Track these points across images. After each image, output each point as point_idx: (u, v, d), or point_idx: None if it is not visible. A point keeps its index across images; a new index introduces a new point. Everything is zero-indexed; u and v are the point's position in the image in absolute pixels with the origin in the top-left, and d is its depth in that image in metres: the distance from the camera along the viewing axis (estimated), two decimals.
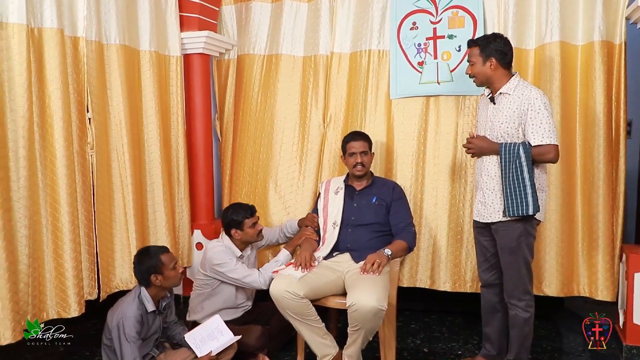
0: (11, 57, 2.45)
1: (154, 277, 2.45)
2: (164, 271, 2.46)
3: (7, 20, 2.42)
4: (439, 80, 3.25)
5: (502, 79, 2.53)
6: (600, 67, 2.98)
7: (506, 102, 2.48)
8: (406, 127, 3.32)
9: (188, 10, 3.46)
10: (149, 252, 2.51)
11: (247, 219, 2.92)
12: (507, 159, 2.42)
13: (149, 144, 3.25)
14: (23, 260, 2.49)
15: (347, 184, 3.02)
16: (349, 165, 2.95)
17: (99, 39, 2.87)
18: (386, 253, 2.69)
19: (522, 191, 2.39)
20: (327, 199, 3.04)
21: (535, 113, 2.39)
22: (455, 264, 3.22)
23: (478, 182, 2.65)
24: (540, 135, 2.38)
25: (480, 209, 2.62)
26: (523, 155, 2.38)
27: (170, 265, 2.49)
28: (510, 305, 2.58)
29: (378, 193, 2.95)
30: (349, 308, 2.46)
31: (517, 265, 2.52)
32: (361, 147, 2.91)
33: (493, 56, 2.51)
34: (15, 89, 2.46)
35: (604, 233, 3.02)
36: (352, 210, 2.94)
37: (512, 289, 2.55)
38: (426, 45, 3.28)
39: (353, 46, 3.44)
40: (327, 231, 2.96)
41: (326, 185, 3.11)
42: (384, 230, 2.92)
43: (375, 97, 3.39)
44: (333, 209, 2.98)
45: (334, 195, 3.02)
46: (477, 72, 2.56)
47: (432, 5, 3.24)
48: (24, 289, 2.50)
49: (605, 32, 2.98)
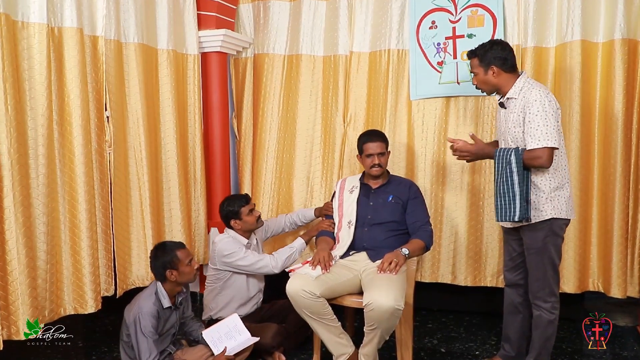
0: (32, 56, 2.49)
1: (169, 273, 2.48)
2: (180, 267, 2.49)
3: (28, 20, 2.46)
4: (459, 80, 3.24)
5: (508, 83, 2.49)
6: (620, 65, 2.95)
7: (513, 106, 2.46)
8: (427, 127, 3.36)
9: (206, 8, 3.48)
10: (164, 248, 2.54)
11: (243, 207, 2.97)
12: (499, 164, 2.41)
13: (165, 142, 3.28)
14: (41, 257, 2.54)
15: (363, 182, 3.00)
16: (366, 166, 2.94)
17: (117, 37, 2.90)
18: (403, 252, 2.67)
19: (510, 197, 2.38)
20: (342, 198, 3.02)
21: (532, 116, 2.34)
22: (475, 260, 3.29)
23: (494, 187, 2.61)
24: (536, 139, 2.33)
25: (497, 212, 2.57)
26: (514, 161, 2.37)
27: (185, 261, 2.51)
28: (535, 306, 2.55)
29: (394, 191, 2.93)
30: (365, 307, 2.45)
31: (543, 266, 2.48)
32: (378, 149, 2.90)
33: (493, 64, 2.47)
34: (36, 87, 2.50)
35: (617, 232, 3.03)
36: (368, 208, 2.92)
37: (537, 289, 2.52)
38: (445, 45, 3.26)
39: (372, 45, 3.44)
40: (342, 230, 2.95)
41: (341, 184, 3.10)
42: (401, 229, 2.90)
43: (396, 97, 3.40)
44: (348, 207, 2.96)
45: (349, 194, 3.00)
46: (481, 82, 2.54)
47: (451, 3, 3.21)
48: (42, 284, 2.55)
49: (626, 30, 2.93)
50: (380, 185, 2.96)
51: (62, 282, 2.67)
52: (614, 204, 3.02)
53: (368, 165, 2.92)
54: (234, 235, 3.01)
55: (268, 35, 3.67)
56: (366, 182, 3.00)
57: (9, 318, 2.39)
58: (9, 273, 2.38)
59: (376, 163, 2.88)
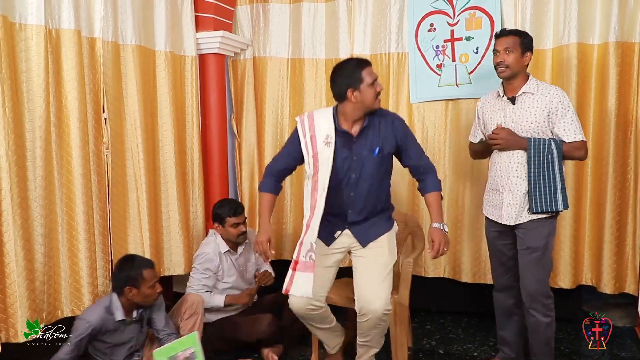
0: (29, 58, 2.48)
1: (128, 289, 2.42)
2: (142, 287, 2.42)
3: (25, 21, 2.45)
4: (458, 82, 3.27)
5: (524, 77, 2.49)
6: (614, 67, 3.01)
7: (531, 102, 2.44)
8: (427, 129, 3.43)
9: (203, 10, 3.48)
10: (132, 262, 2.47)
11: (229, 217, 2.93)
12: (536, 153, 2.38)
13: (163, 144, 3.27)
14: (39, 259, 2.53)
15: (340, 128, 2.41)
16: (370, 98, 2.33)
17: (115, 39, 2.89)
18: (446, 230, 2.39)
19: (552, 186, 2.37)
20: (316, 146, 2.40)
21: (565, 111, 2.40)
22: (475, 257, 3.36)
23: (502, 185, 2.53)
24: (573, 132, 2.39)
25: (509, 211, 2.51)
26: (555, 150, 2.37)
27: (149, 283, 2.43)
28: (530, 311, 2.51)
29: (378, 139, 2.41)
30: (359, 317, 2.44)
31: (541, 265, 2.47)
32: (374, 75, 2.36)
33: (530, 50, 2.47)
34: (33, 89, 2.49)
35: (608, 230, 3.09)
36: (352, 165, 2.40)
37: (534, 292, 2.48)
38: (444, 48, 3.29)
39: (372, 48, 3.47)
40: (317, 194, 2.40)
41: (309, 123, 2.43)
42: (384, 189, 2.51)
43: (396, 99, 3.46)
44: (325, 164, 2.38)
45: (324, 146, 2.39)
46: (514, 62, 2.43)
47: (449, 6, 3.23)
48: (40, 287, 2.54)
49: (619, 33, 2.99)
50: (362, 130, 2.41)
51: (59, 284, 2.66)
52: (605, 203, 3.08)
53: (373, 95, 2.33)
54: (216, 241, 3.00)
55: (269, 38, 3.68)
56: (344, 128, 2.40)
57: (7, 321, 2.38)
58: (7, 275, 2.37)
59: (379, 91, 2.36)
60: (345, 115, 2.40)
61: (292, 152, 2.50)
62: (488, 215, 2.66)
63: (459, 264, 3.39)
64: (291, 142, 2.52)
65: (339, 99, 2.38)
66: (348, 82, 2.31)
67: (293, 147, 2.49)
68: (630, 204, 3.05)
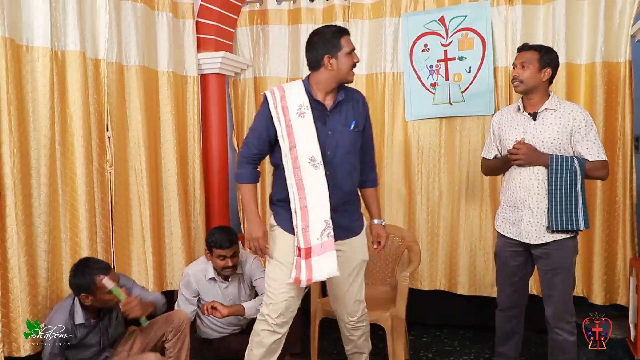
0: (36, 79, 2.52)
1: (84, 297, 2.31)
2: (97, 294, 2.29)
3: (32, 44, 2.50)
4: (451, 101, 3.31)
5: (545, 93, 2.41)
6: (601, 85, 3.05)
7: (553, 118, 2.37)
8: (422, 146, 3.45)
9: (205, 32, 3.53)
10: (85, 268, 2.31)
11: (216, 248, 2.73)
12: (559, 170, 2.30)
13: (165, 161, 3.30)
14: (42, 274, 2.54)
15: (313, 97, 2.21)
16: (347, 67, 2.18)
17: (119, 60, 2.93)
18: (383, 223, 2.37)
19: (574, 205, 2.30)
20: (289, 119, 2.15)
21: (589, 129, 2.33)
22: (471, 270, 3.36)
23: (522, 202, 2.43)
24: (596, 152, 2.33)
25: (529, 229, 2.41)
26: (578, 168, 2.30)
27: (106, 290, 2.27)
28: (556, 331, 2.43)
29: (352, 113, 2.25)
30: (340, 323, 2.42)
31: (568, 286, 2.40)
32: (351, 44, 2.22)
33: (550, 67, 2.38)
34: (39, 109, 2.53)
35: (598, 243, 3.11)
36: (327, 139, 2.18)
37: (561, 312, 2.41)
38: (438, 67, 3.31)
39: (369, 68, 3.52)
40: (304, 172, 2.13)
41: (281, 95, 2.20)
42: (356, 170, 2.30)
43: (392, 117, 3.49)
44: (303, 135, 2.14)
45: (298, 117, 2.16)
46: (529, 77, 2.36)
47: (442, 27, 3.27)
48: (42, 302, 2.54)
49: (605, 53, 3.04)
50: (337, 104, 2.22)
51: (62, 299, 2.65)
52: (595, 217, 3.08)
53: (349, 65, 2.18)
54: (204, 264, 2.85)
55: (269, 58, 3.73)
56: (317, 99, 2.21)
57: (10, 335, 2.39)
58: (10, 290, 2.38)
59: (356, 62, 2.21)
60: (318, 85, 2.21)
61: (264, 129, 2.22)
62: (504, 232, 2.54)
63: (455, 277, 3.39)
64: (260, 119, 2.24)
65: (314, 66, 2.21)
66: (325, 49, 2.15)
67: (264, 124, 2.22)
68: (620, 217, 3.07)
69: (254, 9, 3.74)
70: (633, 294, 2.97)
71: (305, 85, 2.22)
